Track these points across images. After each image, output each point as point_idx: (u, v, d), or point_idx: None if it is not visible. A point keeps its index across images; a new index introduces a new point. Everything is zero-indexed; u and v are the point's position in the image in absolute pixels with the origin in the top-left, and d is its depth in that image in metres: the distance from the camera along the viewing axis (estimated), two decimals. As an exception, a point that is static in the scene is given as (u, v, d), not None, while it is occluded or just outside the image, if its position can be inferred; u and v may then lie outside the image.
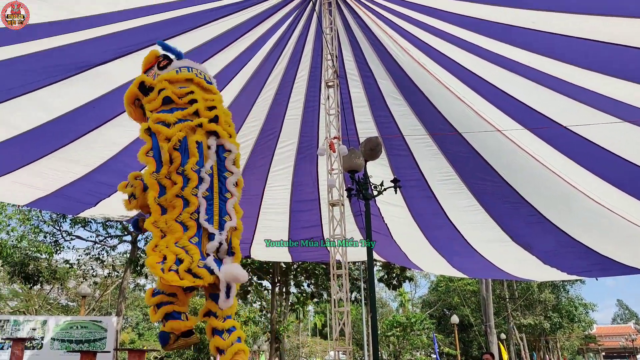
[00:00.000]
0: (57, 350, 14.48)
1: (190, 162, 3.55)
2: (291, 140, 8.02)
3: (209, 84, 4.00)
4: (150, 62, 4.00)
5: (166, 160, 3.57)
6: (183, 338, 3.42)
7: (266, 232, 9.57)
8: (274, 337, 16.83)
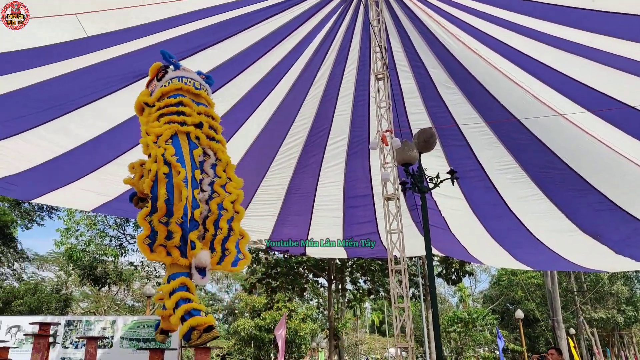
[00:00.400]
0: (126, 348, 15.15)
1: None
2: (342, 136, 7.96)
3: (198, 89, 4.02)
4: (153, 73, 4.14)
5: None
6: (205, 334, 3.40)
7: (320, 230, 9.57)
8: (333, 334, 16.83)
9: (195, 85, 4.01)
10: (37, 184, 7.73)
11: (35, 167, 7.17)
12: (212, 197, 3.72)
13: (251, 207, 9.17)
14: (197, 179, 3.63)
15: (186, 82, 3.95)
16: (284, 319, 15.90)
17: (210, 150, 3.89)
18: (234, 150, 7.95)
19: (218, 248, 3.56)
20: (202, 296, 43.36)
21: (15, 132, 6.51)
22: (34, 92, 6.07)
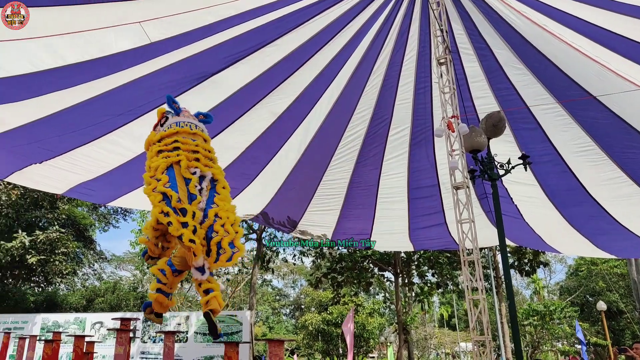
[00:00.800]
0: (200, 342, 15.76)
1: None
2: (404, 125, 7.76)
3: (193, 130, 4.28)
4: (159, 118, 4.44)
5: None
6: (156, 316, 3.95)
7: (385, 222, 9.41)
8: (402, 328, 16.60)
9: (190, 127, 4.28)
10: (112, 187, 8.12)
11: (109, 171, 7.53)
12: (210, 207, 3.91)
13: (313, 202, 9.17)
14: (193, 192, 3.90)
15: (182, 126, 4.24)
16: (352, 313, 15.88)
17: (208, 173, 4.12)
18: (295, 147, 7.98)
19: (214, 249, 3.67)
20: (270, 292, 44.28)
21: (91, 139, 6.85)
22: (105, 100, 6.35)
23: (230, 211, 3.86)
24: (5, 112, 5.98)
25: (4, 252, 15.37)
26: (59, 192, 8.53)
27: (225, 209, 3.85)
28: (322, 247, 17.49)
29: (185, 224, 3.59)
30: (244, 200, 8.99)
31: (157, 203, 3.67)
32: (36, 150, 6.99)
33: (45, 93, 5.93)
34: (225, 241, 3.69)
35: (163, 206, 3.64)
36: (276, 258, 21.27)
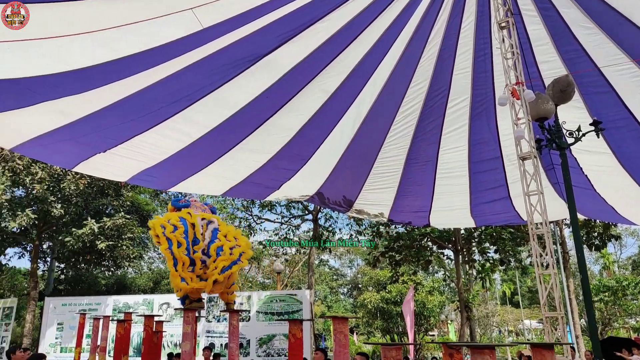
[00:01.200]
0: (262, 321, 16.17)
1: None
2: (463, 96, 7.41)
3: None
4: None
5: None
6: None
7: (444, 199, 9.15)
8: (464, 306, 16.27)
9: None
10: (172, 173, 8.33)
11: (169, 157, 7.71)
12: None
13: (369, 180, 9.03)
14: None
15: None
16: (411, 292, 15.72)
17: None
18: (349, 125, 7.84)
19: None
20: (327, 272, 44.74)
21: (151, 126, 7.01)
22: (162, 88, 6.46)
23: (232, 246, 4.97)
24: (70, 104, 6.20)
25: (76, 238, 16.24)
26: (123, 179, 8.85)
27: (228, 245, 4.96)
28: (379, 226, 17.34)
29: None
30: (298, 181, 8.99)
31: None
32: (100, 139, 7.25)
33: (105, 84, 6.10)
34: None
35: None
36: (333, 238, 21.35)
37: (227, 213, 21.16)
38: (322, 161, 8.46)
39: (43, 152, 7.52)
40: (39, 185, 15.23)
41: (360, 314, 24.96)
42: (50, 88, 5.69)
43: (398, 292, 21.20)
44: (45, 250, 22.18)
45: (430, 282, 23.93)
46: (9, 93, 5.54)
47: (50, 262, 22.86)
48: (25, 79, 5.35)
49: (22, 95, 5.66)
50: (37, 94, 5.76)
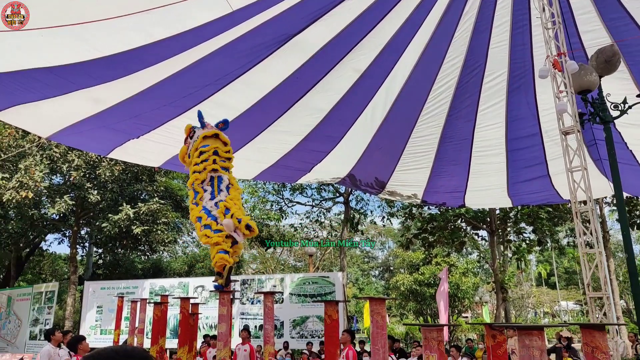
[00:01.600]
0: (295, 303, 16.33)
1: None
2: (500, 70, 7.14)
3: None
4: (187, 133, 5.72)
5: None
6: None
7: (480, 178, 8.91)
8: (499, 287, 16.01)
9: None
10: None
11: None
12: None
13: (402, 161, 8.86)
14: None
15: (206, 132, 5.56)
16: (445, 273, 15.55)
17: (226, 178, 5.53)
18: (380, 104, 7.68)
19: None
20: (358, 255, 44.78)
21: (183, 111, 7.04)
22: (193, 72, 6.44)
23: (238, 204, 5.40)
24: (103, 91, 6.26)
25: (112, 224, 16.65)
26: (156, 164, 8.95)
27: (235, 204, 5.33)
28: (411, 208, 17.13)
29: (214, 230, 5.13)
30: (329, 163, 8.90)
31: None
32: (133, 125, 7.31)
33: (138, 70, 6.11)
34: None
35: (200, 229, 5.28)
36: (364, 220, 21.27)
37: (259, 197, 21.30)
38: (354, 142, 8.34)
39: (78, 139, 7.65)
40: (75, 172, 15.62)
41: (392, 296, 24.91)
42: (84, 76, 5.74)
43: (431, 274, 21.03)
44: (83, 235, 22.86)
45: (464, 264, 23.62)
46: (44, 82, 5.61)
47: (89, 247, 23.58)
48: (58, 67, 5.40)
49: (56, 84, 5.73)
50: (71, 82, 5.82)
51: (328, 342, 4.14)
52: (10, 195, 14.09)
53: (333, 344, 4.02)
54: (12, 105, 5.97)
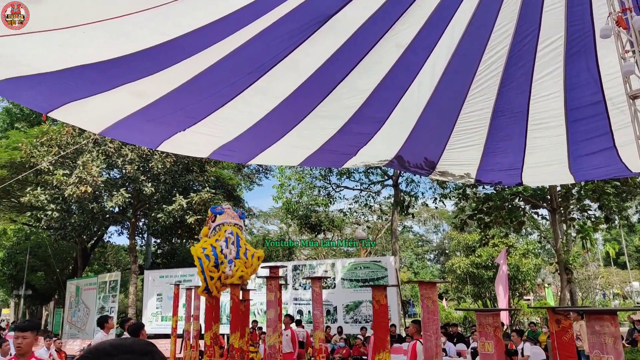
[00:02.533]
0: (347, 288, 16.28)
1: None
2: (556, 35, 6.60)
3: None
4: (210, 217, 7.68)
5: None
6: None
7: (538, 153, 8.38)
8: (563, 268, 15.23)
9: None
10: (250, 146, 8.35)
11: (245, 131, 7.71)
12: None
13: (453, 139, 8.48)
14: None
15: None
16: (503, 255, 14.98)
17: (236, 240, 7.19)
18: (427, 80, 7.34)
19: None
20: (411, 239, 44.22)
21: (226, 101, 7.02)
22: (233, 60, 6.38)
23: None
24: (148, 85, 6.31)
25: (167, 214, 17.18)
26: (204, 155, 9.02)
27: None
28: (465, 188, 16.57)
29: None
30: (375, 145, 8.66)
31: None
32: (180, 118, 7.38)
33: (178, 61, 6.11)
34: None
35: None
36: (415, 203, 20.85)
37: (306, 183, 21.33)
38: (400, 122, 8.06)
39: (128, 133, 7.81)
40: (129, 166, 16.18)
41: (449, 279, 24.42)
42: (126, 70, 5.80)
43: (489, 255, 20.39)
44: (141, 227, 23.81)
45: (524, 245, 22.72)
46: (89, 79, 5.71)
47: (147, 238, 24.53)
48: (101, 63, 5.47)
49: (101, 80, 5.83)
50: (115, 77, 5.90)
51: (377, 327, 3.98)
52: (71, 190, 14.79)
53: (382, 329, 3.86)
54: (63, 103, 6.14)
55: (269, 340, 4.31)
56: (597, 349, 2.42)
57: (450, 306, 30.09)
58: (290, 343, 10.90)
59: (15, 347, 4.29)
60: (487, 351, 2.68)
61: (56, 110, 6.22)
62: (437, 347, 3.08)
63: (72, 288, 21.99)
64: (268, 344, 4.31)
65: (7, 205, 21.84)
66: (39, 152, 16.54)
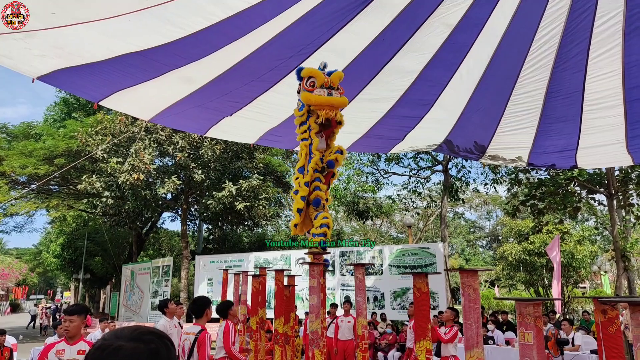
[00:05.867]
0: (395, 275, 16.18)
1: None
2: (614, 11, 6.19)
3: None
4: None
5: None
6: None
7: (594, 135, 7.97)
8: (619, 256, 14.51)
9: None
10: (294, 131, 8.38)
11: (291, 116, 7.72)
12: None
13: (503, 122, 8.20)
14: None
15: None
16: (557, 241, 14.42)
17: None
18: (477, 60, 7.10)
19: None
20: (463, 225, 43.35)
21: (270, 85, 7.08)
22: (276, 44, 6.38)
23: None
24: (194, 70, 6.43)
25: (217, 200, 17.60)
26: (251, 141, 9.14)
27: None
28: (518, 173, 16.02)
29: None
30: (423, 129, 8.49)
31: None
32: (225, 103, 7.48)
33: (223, 46, 6.17)
34: None
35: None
36: (467, 189, 20.38)
37: (354, 169, 21.24)
38: (449, 105, 7.85)
39: (176, 120, 8.02)
40: (180, 153, 16.65)
41: (500, 266, 23.81)
42: (172, 56, 5.92)
43: (542, 242, 19.69)
44: (192, 213, 24.54)
45: (580, 231, 21.79)
46: (138, 66, 5.87)
47: (199, 224, 25.27)
48: (148, 50, 5.61)
49: (149, 67, 5.98)
50: (162, 64, 6.04)
51: (418, 315, 3.92)
52: (124, 177, 15.39)
53: (423, 317, 3.80)
54: (113, 92, 6.36)
55: (312, 326, 4.33)
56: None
57: (502, 293, 29.42)
58: (352, 330, 10.78)
59: (64, 330, 4.48)
60: (527, 342, 2.59)
61: (107, 98, 6.46)
62: (478, 336, 3.01)
63: (127, 272, 23.04)
64: (310, 330, 4.34)
65: (65, 192, 23.03)
66: (93, 140, 17.30)
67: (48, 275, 68.03)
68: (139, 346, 1.16)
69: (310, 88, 5.57)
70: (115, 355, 1.14)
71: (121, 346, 1.16)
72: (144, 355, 1.16)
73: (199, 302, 5.69)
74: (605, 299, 2.98)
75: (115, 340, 1.17)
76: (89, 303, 37.84)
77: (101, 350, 1.16)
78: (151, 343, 1.18)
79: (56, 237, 35.62)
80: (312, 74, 5.59)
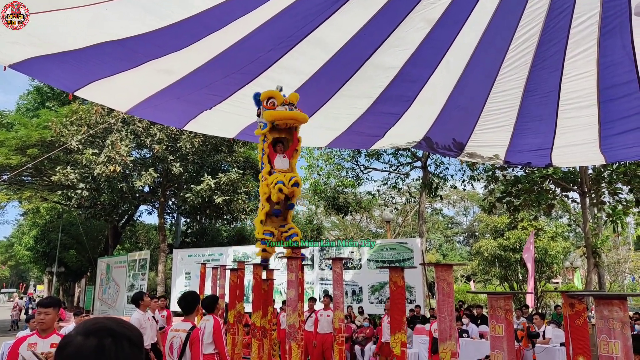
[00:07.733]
0: (373, 269, 16.32)
1: None
2: (590, 12, 6.32)
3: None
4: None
5: None
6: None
7: (569, 134, 8.13)
8: (590, 252, 14.90)
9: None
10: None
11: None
12: None
13: (482, 120, 8.30)
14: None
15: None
16: (531, 237, 14.72)
17: None
18: (457, 58, 7.16)
19: None
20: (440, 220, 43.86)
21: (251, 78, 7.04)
22: (257, 36, 6.32)
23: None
24: (173, 62, 6.33)
25: (195, 194, 17.42)
26: (231, 135, 9.05)
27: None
28: (495, 170, 16.27)
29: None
30: (403, 126, 8.53)
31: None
32: (204, 96, 7.39)
33: (203, 36, 6.08)
34: None
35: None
36: (445, 185, 20.61)
37: (334, 164, 21.28)
38: (428, 101, 7.91)
39: (154, 112, 7.89)
40: (158, 145, 16.41)
41: (476, 261, 24.19)
42: (151, 46, 5.81)
43: (517, 238, 20.08)
44: (170, 206, 24.25)
45: (554, 228, 22.29)
46: (115, 55, 5.76)
47: (177, 217, 25.00)
48: (126, 40, 5.50)
49: (126, 57, 5.86)
50: (140, 54, 5.93)
51: (393, 309, 3.97)
52: (100, 169, 15.10)
53: (398, 310, 3.85)
54: (89, 81, 6.22)
55: (289, 319, 4.34)
56: (604, 333, 2.39)
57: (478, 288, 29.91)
58: (332, 324, 10.77)
59: (38, 322, 4.42)
60: (498, 334, 2.68)
61: (83, 88, 6.31)
62: (452, 329, 3.07)
63: (103, 266, 22.68)
64: (288, 323, 4.34)
65: (39, 184, 22.51)
66: (68, 131, 16.88)
67: (20, 269, 66.62)
68: (87, 342, 1.13)
69: (272, 107, 6.00)
70: (63, 350, 1.14)
71: (70, 342, 1.14)
72: (88, 351, 1.12)
73: (189, 298, 5.28)
74: (572, 292, 3.08)
75: (74, 335, 1.16)
76: (63, 297, 37.14)
77: (60, 347, 1.16)
78: (103, 339, 1.14)
79: (29, 229, 34.79)
80: (271, 95, 6.10)
